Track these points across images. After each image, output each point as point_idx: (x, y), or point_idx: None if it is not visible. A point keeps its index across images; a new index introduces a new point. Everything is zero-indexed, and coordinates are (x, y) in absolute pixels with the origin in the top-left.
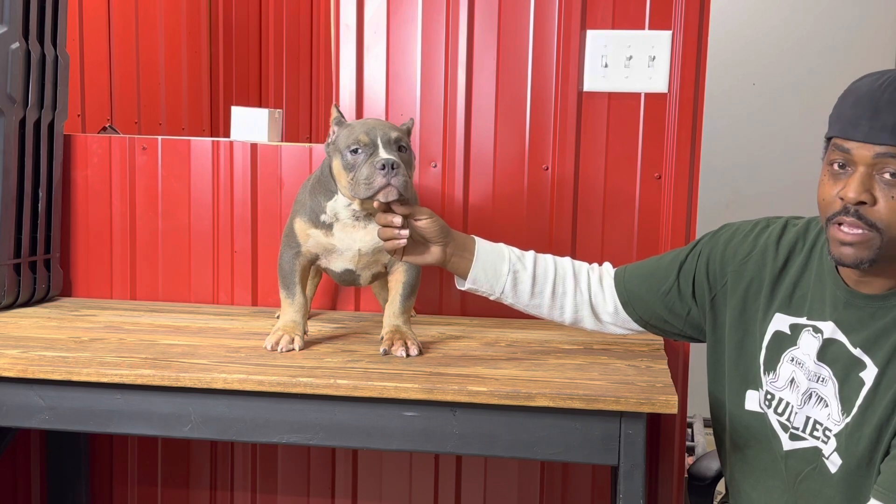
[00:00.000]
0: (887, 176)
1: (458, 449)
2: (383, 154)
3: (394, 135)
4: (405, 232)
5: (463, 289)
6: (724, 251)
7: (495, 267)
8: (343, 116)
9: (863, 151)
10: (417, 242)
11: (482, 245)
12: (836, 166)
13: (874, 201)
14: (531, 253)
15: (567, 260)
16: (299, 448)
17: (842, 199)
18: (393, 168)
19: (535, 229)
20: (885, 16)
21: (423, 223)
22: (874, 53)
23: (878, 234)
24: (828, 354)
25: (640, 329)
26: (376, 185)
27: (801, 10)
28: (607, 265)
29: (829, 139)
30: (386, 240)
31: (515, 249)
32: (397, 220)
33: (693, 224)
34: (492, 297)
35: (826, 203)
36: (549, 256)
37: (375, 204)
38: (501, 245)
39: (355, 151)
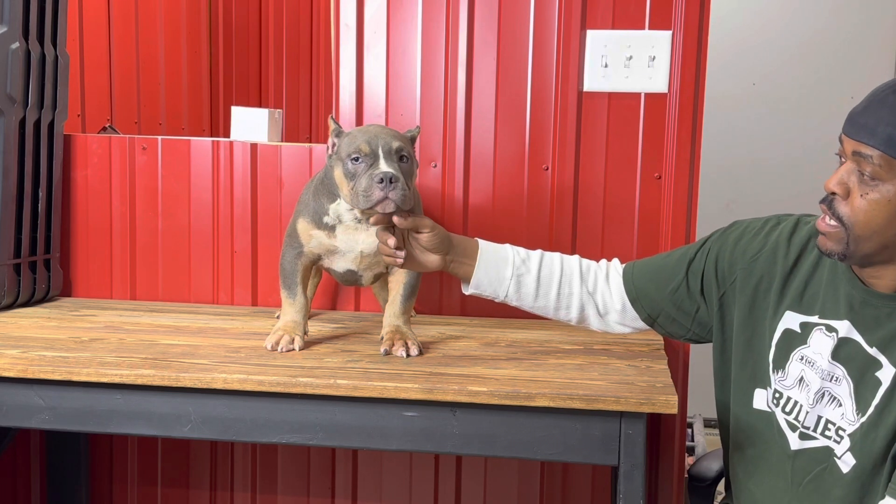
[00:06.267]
0: (863, 174)
1: (458, 449)
2: (383, 166)
3: (395, 144)
4: (401, 253)
5: (467, 293)
6: (733, 249)
7: (498, 272)
8: (341, 127)
9: (847, 146)
10: (417, 252)
11: (485, 250)
12: (838, 156)
13: (846, 195)
14: (537, 253)
15: (575, 259)
16: (299, 448)
17: (825, 187)
18: (391, 182)
19: (535, 229)
20: (886, 16)
21: (425, 237)
22: (874, 54)
23: (843, 229)
24: (842, 354)
25: (646, 327)
26: (374, 198)
27: (802, 11)
28: (615, 262)
29: None
30: (385, 256)
31: (521, 250)
32: (391, 241)
33: (693, 224)
34: (496, 300)
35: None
36: (556, 256)
37: (372, 219)
38: (506, 247)
39: (356, 160)
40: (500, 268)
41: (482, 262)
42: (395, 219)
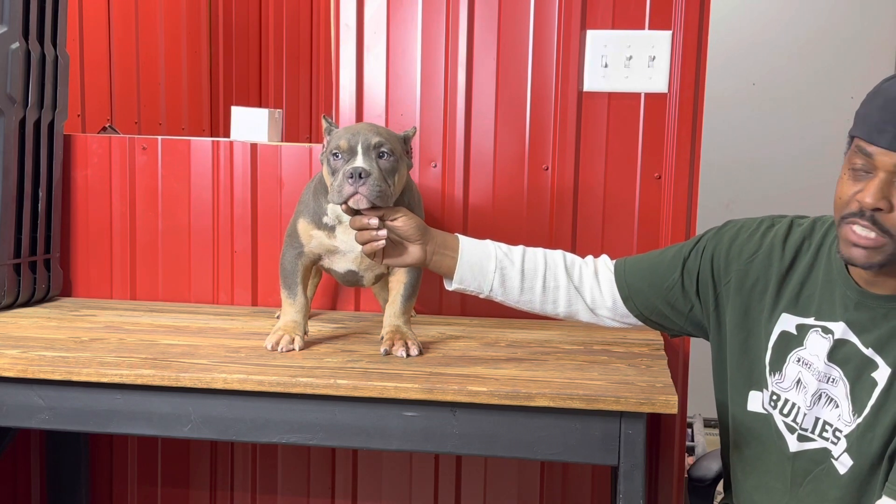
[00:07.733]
0: None
1: (458, 449)
2: (356, 162)
3: (375, 140)
4: (382, 233)
5: (451, 289)
6: (728, 249)
7: (481, 265)
8: (333, 125)
9: (885, 158)
10: (396, 243)
11: (466, 243)
12: (857, 168)
13: (891, 208)
14: (519, 248)
15: (558, 253)
16: (299, 448)
17: (859, 201)
18: (361, 177)
19: (535, 229)
20: (886, 16)
21: (399, 221)
22: (874, 54)
23: (891, 241)
24: (839, 355)
25: (638, 323)
26: (345, 193)
27: (802, 11)
28: (604, 258)
29: (852, 137)
30: (363, 243)
31: (503, 245)
32: (373, 221)
33: (693, 224)
34: (481, 296)
35: (842, 202)
36: (539, 250)
37: (343, 208)
38: (487, 242)
39: (336, 156)
40: (482, 261)
41: (464, 255)
42: (364, 211)
